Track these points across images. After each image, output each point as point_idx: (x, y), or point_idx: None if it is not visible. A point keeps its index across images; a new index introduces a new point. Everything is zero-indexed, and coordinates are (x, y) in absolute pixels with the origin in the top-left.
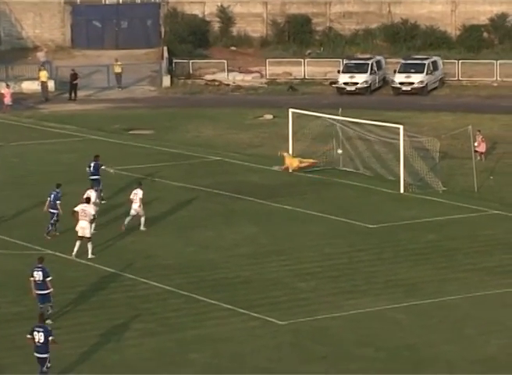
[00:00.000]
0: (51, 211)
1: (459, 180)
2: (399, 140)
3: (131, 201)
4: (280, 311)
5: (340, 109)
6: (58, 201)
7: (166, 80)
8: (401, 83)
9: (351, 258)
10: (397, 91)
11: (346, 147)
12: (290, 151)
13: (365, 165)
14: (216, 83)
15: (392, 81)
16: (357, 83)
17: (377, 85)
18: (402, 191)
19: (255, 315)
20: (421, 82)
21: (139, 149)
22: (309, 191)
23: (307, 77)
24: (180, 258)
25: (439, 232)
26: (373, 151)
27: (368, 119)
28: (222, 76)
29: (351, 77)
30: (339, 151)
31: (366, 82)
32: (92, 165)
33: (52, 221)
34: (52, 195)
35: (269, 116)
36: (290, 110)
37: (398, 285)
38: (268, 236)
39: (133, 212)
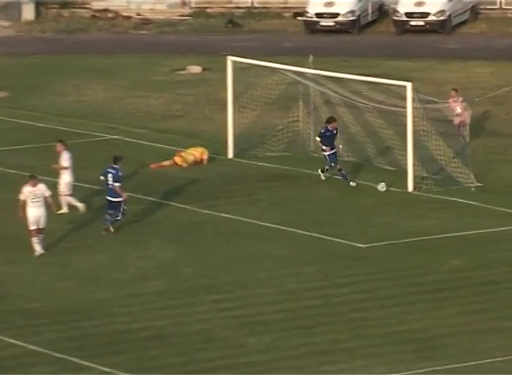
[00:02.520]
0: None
1: (503, 172)
2: (405, 107)
3: None
4: None
5: (311, 57)
6: (117, 184)
7: (28, 11)
8: (409, 15)
9: (329, 298)
10: (403, 28)
11: (322, 118)
12: (230, 127)
13: (353, 147)
14: (110, 15)
15: (395, 11)
16: (338, 15)
17: (370, 18)
18: (410, 188)
19: None
20: (441, 12)
21: None
22: (262, 190)
23: (256, 5)
24: (53, 299)
25: (469, 255)
26: (364, 125)
27: (356, 74)
28: (118, 4)
29: (328, 5)
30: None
31: (352, 13)
32: None
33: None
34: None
35: (196, 69)
36: (230, 59)
37: (405, 341)
38: (196, 262)
39: None
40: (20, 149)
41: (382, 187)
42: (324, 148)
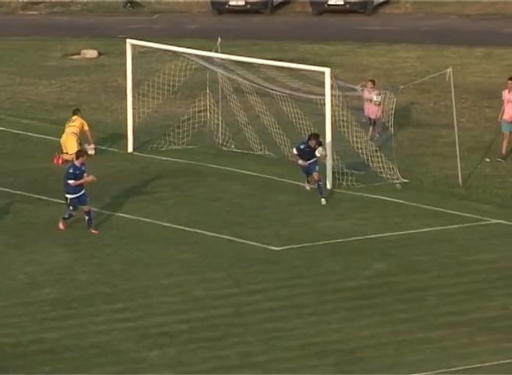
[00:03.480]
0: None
1: (431, 166)
2: (323, 95)
3: None
4: None
5: (219, 40)
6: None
7: None
8: None
9: (240, 307)
10: (320, 8)
11: (232, 108)
12: (129, 117)
13: (265, 140)
14: None
15: None
16: None
17: None
18: (329, 185)
19: None
20: None
21: None
22: (165, 187)
23: None
24: None
25: (393, 258)
26: (279, 115)
27: (269, 59)
28: None
29: None
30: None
31: None
32: None
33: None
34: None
35: (91, 53)
36: (129, 42)
37: (324, 353)
38: (92, 267)
39: None
40: None
41: (319, 151)
42: (300, 162)
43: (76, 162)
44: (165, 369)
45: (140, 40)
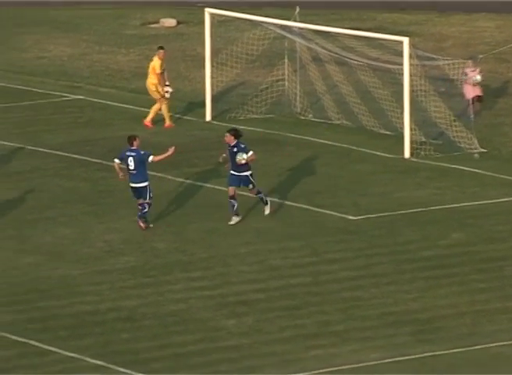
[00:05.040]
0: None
1: (510, 136)
2: (401, 64)
3: None
4: (191, 369)
5: (297, 9)
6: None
7: None
8: None
9: (318, 276)
10: None
11: (310, 77)
12: (208, 86)
13: (343, 109)
14: None
15: None
16: None
17: None
18: (407, 154)
19: None
20: None
21: None
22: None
23: None
24: (11, 276)
25: (472, 228)
26: (356, 84)
27: (347, 28)
28: None
29: None
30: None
31: None
32: None
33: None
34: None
35: (170, 22)
36: (208, 11)
37: (402, 322)
38: (170, 236)
39: None
40: None
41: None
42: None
43: (135, 147)
44: (242, 338)
45: (219, 8)
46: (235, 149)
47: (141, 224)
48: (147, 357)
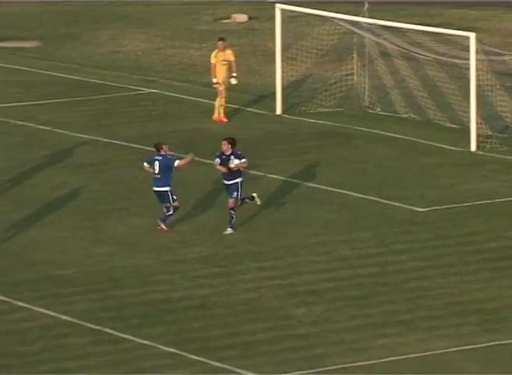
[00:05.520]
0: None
1: None
2: (468, 59)
3: None
4: (261, 357)
5: (366, 5)
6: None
7: None
8: None
9: (385, 266)
10: None
11: (378, 71)
12: (278, 81)
13: (411, 103)
14: None
15: None
16: None
17: None
18: (473, 148)
19: (217, 364)
20: None
21: (12, 75)
22: (312, 149)
23: None
24: (87, 265)
25: None
26: (424, 79)
27: (414, 23)
28: None
29: None
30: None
31: None
32: None
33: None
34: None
35: (241, 17)
36: (278, 7)
37: (468, 312)
38: (241, 227)
39: None
40: (52, 103)
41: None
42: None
43: (163, 152)
44: (311, 326)
45: (290, 4)
46: (232, 157)
47: (162, 226)
48: (218, 345)
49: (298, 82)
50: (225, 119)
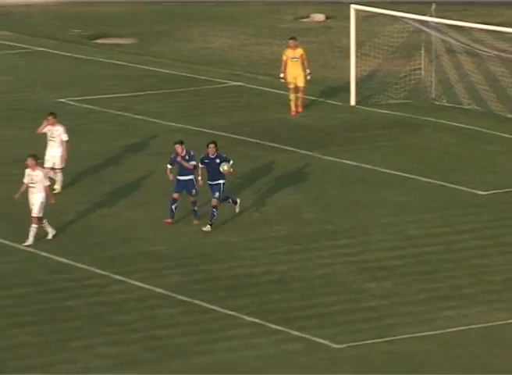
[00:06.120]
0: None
1: None
2: None
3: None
4: (335, 327)
5: (433, 5)
6: (192, 162)
7: None
8: None
9: (450, 244)
10: None
11: (443, 66)
12: (352, 74)
13: (474, 95)
14: None
15: None
16: None
17: None
18: None
19: (296, 333)
20: None
21: (111, 68)
22: (384, 137)
23: None
24: (178, 242)
25: None
26: (486, 73)
27: (477, 22)
28: None
29: None
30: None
31: None
32: None
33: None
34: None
35: (319, 17)
36: (353, 7)
37: None
38: (318, 208)
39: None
40: (147, 95)
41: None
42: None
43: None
44: (382, 299)
45: (363, 5)
46: (217, 160)
47: (194, 222)
48: (296, 315)
49: (370, 76)
50: (300, 109)
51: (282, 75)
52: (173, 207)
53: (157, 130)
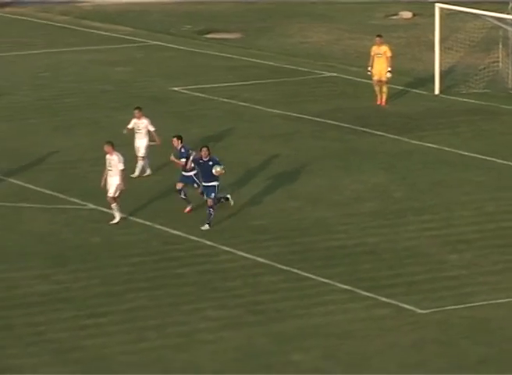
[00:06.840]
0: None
1: None
2: None
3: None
4: (420, 294)
5: (511, 4)
6: (183, 160)
7: None
8: None
9: None
10: None
11: None
12: (437, 66)
13: None
14: None
15: None
16: None
17: None
18: None
19: (384, 300)
20: None
21: (219, 60)
22: (464, 123)
23: None
24: (279, 217)
25: None
26: None
27: None
28: None
29: None
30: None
31: None
32: None
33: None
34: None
35: (407, 14)
36: (438, 5)
37: None
38: (405, 187)
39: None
40: (252, 84)
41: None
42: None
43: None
44: (462, 270)
45: (447, 4)
46: (210, 163)
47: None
48: (385, 283)
49: (453, 68)
50: (383, 103)
51: (369, 68)
52: (182, 196)
53: (260, 115)
